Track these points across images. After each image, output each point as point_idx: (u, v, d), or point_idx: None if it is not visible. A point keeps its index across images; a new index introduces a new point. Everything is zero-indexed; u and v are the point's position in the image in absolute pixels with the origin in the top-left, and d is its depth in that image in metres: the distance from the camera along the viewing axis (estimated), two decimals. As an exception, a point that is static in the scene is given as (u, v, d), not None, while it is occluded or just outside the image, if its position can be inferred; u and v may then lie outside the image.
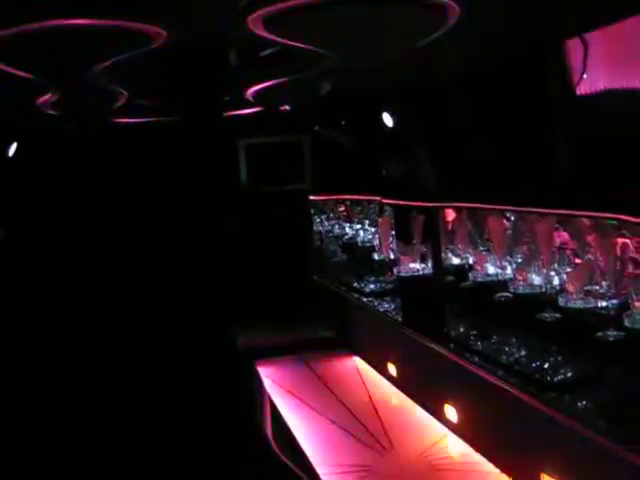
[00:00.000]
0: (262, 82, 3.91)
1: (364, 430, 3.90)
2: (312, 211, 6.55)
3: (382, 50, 2.67)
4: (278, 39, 2.45)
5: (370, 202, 5.88)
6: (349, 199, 6.10)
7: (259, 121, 5.52)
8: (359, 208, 6.25)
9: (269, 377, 4.79)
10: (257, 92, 4.13)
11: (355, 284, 5.48)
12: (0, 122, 4.53)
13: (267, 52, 3.32)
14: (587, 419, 2.78)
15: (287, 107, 5.04)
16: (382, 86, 4.10)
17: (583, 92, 3.20)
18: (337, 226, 6.57)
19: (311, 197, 6.33)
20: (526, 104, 3.92)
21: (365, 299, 5.16)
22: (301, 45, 2.57)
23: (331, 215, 6.71)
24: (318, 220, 6.65)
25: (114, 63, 2.73)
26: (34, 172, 5.77)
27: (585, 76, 3.13)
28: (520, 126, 3.94)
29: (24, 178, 5.69)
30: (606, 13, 2.74)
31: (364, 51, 2.69)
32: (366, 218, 6.11)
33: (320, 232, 6.61)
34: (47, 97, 3.61)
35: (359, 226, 6.19)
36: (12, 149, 5.31)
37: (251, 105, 4.68)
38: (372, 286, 5.30)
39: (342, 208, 6.58)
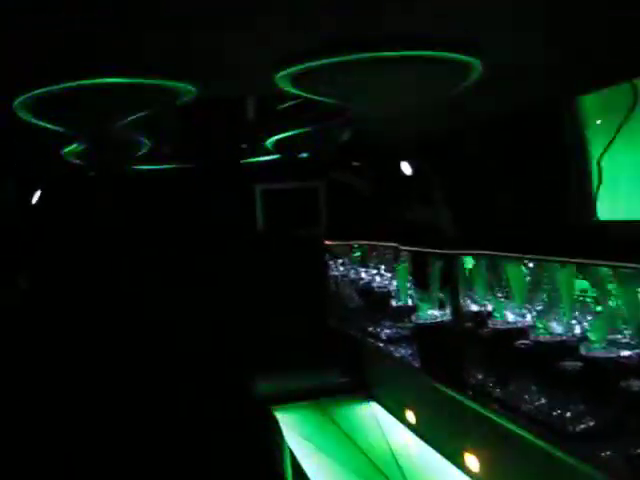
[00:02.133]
0: (282, 132, 4.00)
1: (382, 477, 3.87)
2: (327, 256, 6.58)
3: (408, 103, 2.74)
4: (306, 94, 2.51)
5: (386, 248, 5.91)
6: (365, 244, 6.13)
7: (275, 167, 5.61)
8: (375, 253, 6.28)
9: (285, 424, 4.77)
10: (276, 141, 4.21)
11: (372, 329, 5.49)
12: (25, 171, 4.62)
13: (289, 104, 3.40)
14: (612, 468, 2.78)
15: (304, 154, 5.13)
16: (401, 134, 4.18)
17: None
18: (352, 271, 6.59)
19: (326, 242, 6.37)
20: (542, 154, 4.01)
21: (382, 345, 5.16)
22: (327, 100, 2.64)
23: (346, 260, 6.74)
24: (333, 265, 6.67)
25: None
26: (56, 218, 5.85)
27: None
28: (537, 175, 4.02)
29: (47, 224, 5.78)
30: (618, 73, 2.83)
31: (390, 104, 2.75)
32: (382, 263, 6.13)
33: (335, 277, 6.63)
34: (73, 147, 3.69)
35: (375, 271, 6.20)
36: (36, 196, 5.41)
37: (269, 153, 4.77)
38: (389, 331, 5.30)
39: (357, 253, 6.61)
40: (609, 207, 3.78)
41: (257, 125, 4.03)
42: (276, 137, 4.04)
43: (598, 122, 3.84)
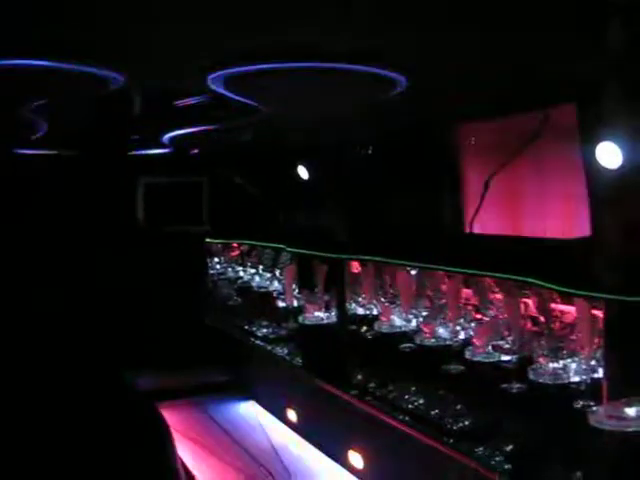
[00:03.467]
0: (182, 128, 3.96)
1: (269, 476, 3.94)
2: (206, 254, 6.55)
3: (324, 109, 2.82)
4: (233, 96, 2.53)
5: (265, 248, 5.97)
6: (246, 244, 6.16)
7: (159, 160, 5.52)
8: (254, 253, 6.33)
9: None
10: (174, 136, 4.17)
11: (253, 329, 5.54)
12: None
13: (193, 101, 3.38)
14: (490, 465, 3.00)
15: (196, 150, 5.10)
16: (300, 139, 4.27)
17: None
18: (230, 269, 6.60)
19: (207, 240, 6.35)
20: (428, 169, 4.22)
21: (263, 344, 5.23)
22: (251, 102, 2.67)
23: (222, 259, 6.74)
24: (211, 263, 6.66)
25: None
26: None
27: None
28: (425, 189, 4.22)
29: None
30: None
31: (309, 109, 2.83)
32: (260, 263, 6.19)
33: (213, 275, 6.62)
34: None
35: (253, 270, 6.26)
36: None
37: (161, 146, 4.69)
38: (271, 331, 5.38)
39: (235, 252, 6.63)
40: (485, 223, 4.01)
41: (155, 118, 3.96)
42: (176, 132, 4.00)
43: (472, 140, 4.10)
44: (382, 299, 4.30)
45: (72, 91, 2.42)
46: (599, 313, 2.85)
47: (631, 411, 2.53)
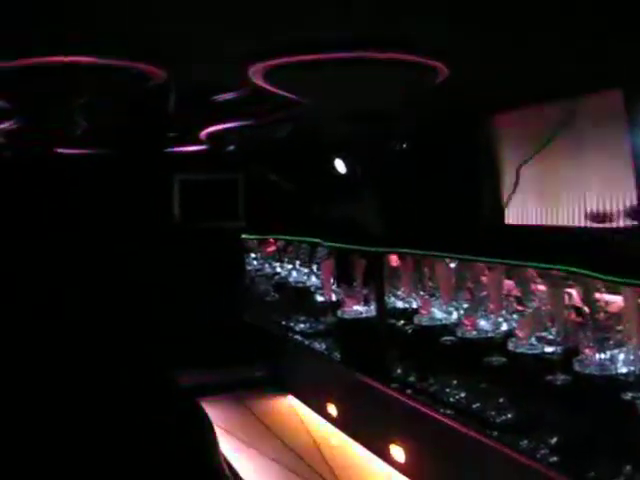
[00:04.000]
0: (220, 124, 3.97)
1: (310, 470, 3.93)
2: (243, 250, 6.58)
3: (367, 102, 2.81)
4: (272, 89, 2.53)
5: (301, 243, 5.98)
6: (282, 239, 6.17)
7: (196, 157, 5.55)
8: (290, 248, 6.34)
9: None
10: (211, 133, 4.18)
11: (292, 324, 5.55)
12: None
13: (231, 96, 3.38)
14: (536, 456, 2.97)
15: (232, 147, 5.11)
16: (336, 133, 4.25)
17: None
18: (267, 265, 6.62)
19: (243, 236, 6.37)
20: (464, 161, 4.18)
21: (302, 339, 5.24)
22: (291, 96, 2.67)
23: (259, 255, 6.76)
24: (248, 259, 6.68)
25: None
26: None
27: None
28: (462, 180, 4.19)
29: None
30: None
31: (349, 104, 2.82)
32: (297, 258, 6.20)
33: (250, 271, 6.63)
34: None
35: (290, 266, 6.26)
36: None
37: (199, 143, 4.72)
38: (310, 326, 5.38)
39: (272, 248, 6.65)
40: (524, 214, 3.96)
41: (192, 114, 3.98)
42: (212, 128, 4.02)
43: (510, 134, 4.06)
44: (421, 292, 4.27)
45: (116, 88, 2.44)
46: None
47: (682, 401, 2.48)
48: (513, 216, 4.06)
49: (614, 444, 2.83)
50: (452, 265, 4.09)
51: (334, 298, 5.07)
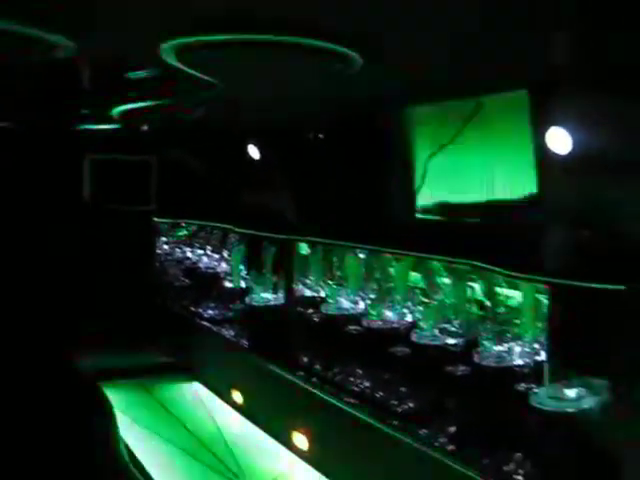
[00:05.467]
0: (132, 103, 3.87)
1: (214, 458, 3.91)
2: (154, 233, 6.46)
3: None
4: (185, 68, 2.48)
5: (214, 228, 5.92)
6: (199, 224, 6.09)
7: (107, 136, 5.40)
8: (202, 233, 6.27)
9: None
10: (125, 111, 4.07)
11: (200, 310, 5.49)
12: None
13: (146, 74, 3.30)
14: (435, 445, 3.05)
15: (145, 127, 5.00)
16: (252, 119, 4.22)
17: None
18: (178, 250, 6.52)
19: (155, 219, 6.25)
20: (378, 153, 4.22)
21: (210, 325, 5.19)
22: (205, 77, 2.62)
23: (170, 239, 6.66)
24: (159, 243, 6.56)
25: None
26: None
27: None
28: (375, 172, 4.22)
29: None
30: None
31: (263, 88, 2.79)
32: (208, 244, 6.14)
33: (160, 255, 6.52)
34: None
35: (201, 251, 6.20)
36: None
37: (111, 122, 4.58)
38: (218, 312, 5.34)
39: (184, 232, 6.56)
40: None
41: (107, 92, 3.85)
42: (126, 107, 3.91)
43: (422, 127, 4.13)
44: (330, 281, 4.31)
45: (18, 55, 2.34)
46: (543, 298, 2.91)
47: (571, 392, 2.59)
48: (426, 209, 4.12)
49: (508, 433, 2.94)
50: (361, 256, 4.14)
51: (243, 285, 5.05)
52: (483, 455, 2.92)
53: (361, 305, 3.99)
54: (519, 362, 3.02)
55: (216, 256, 5.92)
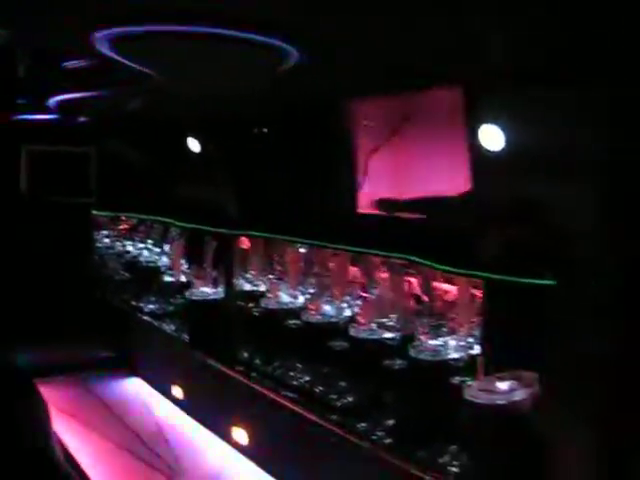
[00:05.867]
0: (70, 93, 3.80)
1: (153, 454, 3.87)
2: (94, 227, 6.34)
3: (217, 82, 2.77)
4: (120, 59, 2.44)
5: (154, 222, 5.84)
6: (139, 218, 6.00)
7: (45, 127, 5.27)
8: (142, 227, 6.18)
9: (47, 399, 4.54)
10: (61, 101, 3.99)
11: (140, 304, 5.41)
12: None
13: (80, 64, 3.23)
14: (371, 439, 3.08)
15: (84, 118, 4.90)
16: (192, 112, 4.17)
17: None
18: (118, 243, 6.42)
19: (94, 212, 6.14)
20: (321, 148, 4.23)
21: (150, 320, 5.13)
22: (138, 67, 2.58)
23: (111, 232, 6.54)
24: (99, 236, 6.45)
25: None
26: None
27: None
28: (318, 167, 4.23)
29: None
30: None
31: (199, 79, 2.76)
32: (149, 237, 6.06)
33: (99, 249, 6.41)
34: None
35: (142, 245, 6.12)
36: None
37: (48, 111, 4.48)
38: (158, 307, 5.28)
39: (124, 226, 6.45)
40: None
41: (43, 81, 3.76)
42: (63, 96, 3.83)
43: (365, 123, 4.14)
44: (270, 276, 4.30)
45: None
46: (478, 292, 2.95)
47: (503, 385, 2.64)
48: (366, 204, 4.13)
49: (443, 425, 2.98)
50: (302, 250, 4.14)
51: (184, 279, 5.00)
52: (419, 448, 2.96)
53: (301, 299, 3.99)
54: (454, 356, 3.07)
55: (157, 250, 5.85)
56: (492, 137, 2.52)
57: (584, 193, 2.32)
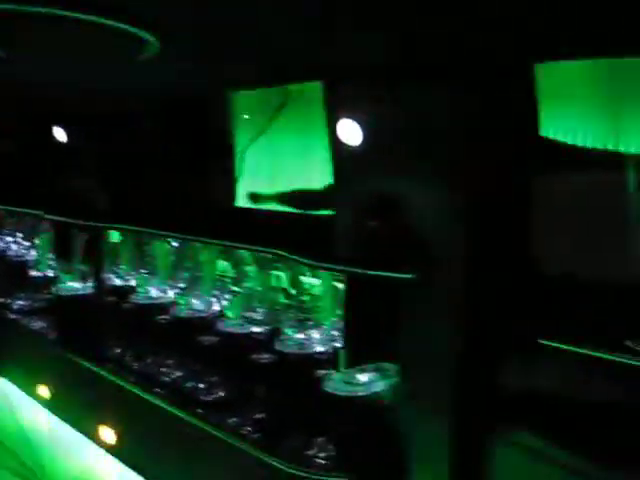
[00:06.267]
0: None
1: (14, 458, 3.71)
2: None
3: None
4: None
5: (25, 214, 5.59)
6: (6, 210, 5.71)
7: None
8: (12, 219, 5.90)
9: None
10: None
11: (3, 300, 5.16)
12: None
13: None
14: (240, 434, 3.06)
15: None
16: (60, 100, 4.01)
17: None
18: (-15, 237, 6.10)
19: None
20: (198, 140, 4.17)
21: (15, 316, 4.90)
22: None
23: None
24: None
25: None
26: None
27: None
28: (195, 160, 4.16)
29: None
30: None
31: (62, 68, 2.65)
32: (18, 231, 5.81)
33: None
34: None
35: (11, 239, 5.85)
36: None
37: None
38: (23, 303, 5.05)
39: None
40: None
41: None
42: None
43: (245, 116, 4.11)
44: (141, 270, 4.20)
45: None
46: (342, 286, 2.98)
47: (363, 377, 2.68)
48: (239, 198, 4.11)
49: (309, 418, 3.01)
50: (174, 244, 4.07)
51: (52, 274, 4.81)
52: (287, 441, 2.97)
53: (171, 294, 3.93)
54: (320, 349, 3.09)
55: (26, 244, 5.60)
56: (351, 132, 2.55)
57: (440, 191, 2.38)
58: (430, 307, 2.40)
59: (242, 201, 4.02)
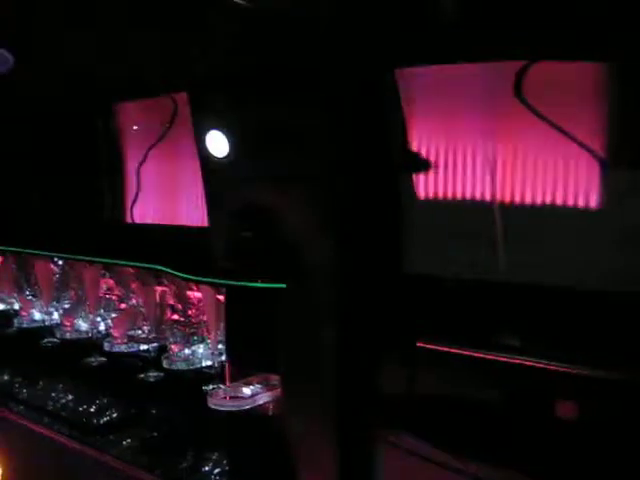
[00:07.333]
0: None
1: None
2: None
3: None
4: None
5: None
6: None
7: None
8: None
9: None
10: None
11: None
12: None
13: None
14: (131, 457, 2.96)
15: None
16: None
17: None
18: None
19: None
20: (77, 153, 4.01)
21: None
22: None
23: None
24: None
25: None
26: None
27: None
28: (69, 174, 4.00)
29: None
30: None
31: None
32: None
33: None
34: None
35: None
36: None
37: None
38: None
39: None
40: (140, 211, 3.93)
41: None
42: None
43: (135, 128, 3.98)
44: (25, 292, 4.03)
45: None
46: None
47: (247, 390, 2.64)
48: (137, 215, 3.97)
49: (201, 435, 2.95)
50: (60, 263, 3.92)
51: None
52: (180, 459, 2.90)
53: (55, 316, 3.78)
54: (207, 363, 3.03)
55: None
56: (218, 143, 2.51)
57: (310, 202, 2.37)
58: (305, 316, 2.39)
59: (131, 216, 3.90)
